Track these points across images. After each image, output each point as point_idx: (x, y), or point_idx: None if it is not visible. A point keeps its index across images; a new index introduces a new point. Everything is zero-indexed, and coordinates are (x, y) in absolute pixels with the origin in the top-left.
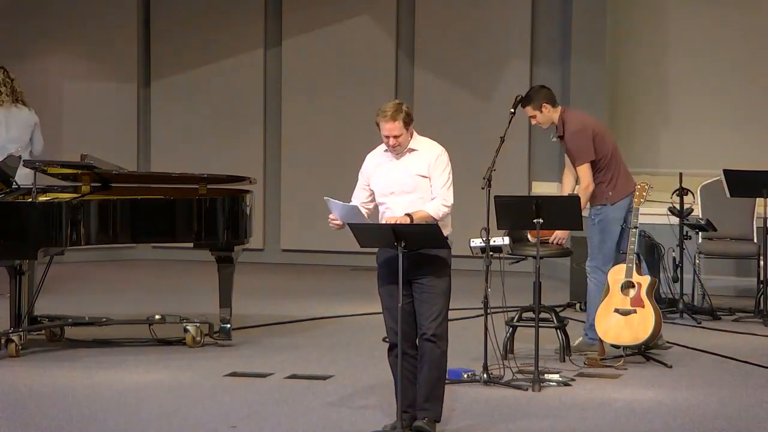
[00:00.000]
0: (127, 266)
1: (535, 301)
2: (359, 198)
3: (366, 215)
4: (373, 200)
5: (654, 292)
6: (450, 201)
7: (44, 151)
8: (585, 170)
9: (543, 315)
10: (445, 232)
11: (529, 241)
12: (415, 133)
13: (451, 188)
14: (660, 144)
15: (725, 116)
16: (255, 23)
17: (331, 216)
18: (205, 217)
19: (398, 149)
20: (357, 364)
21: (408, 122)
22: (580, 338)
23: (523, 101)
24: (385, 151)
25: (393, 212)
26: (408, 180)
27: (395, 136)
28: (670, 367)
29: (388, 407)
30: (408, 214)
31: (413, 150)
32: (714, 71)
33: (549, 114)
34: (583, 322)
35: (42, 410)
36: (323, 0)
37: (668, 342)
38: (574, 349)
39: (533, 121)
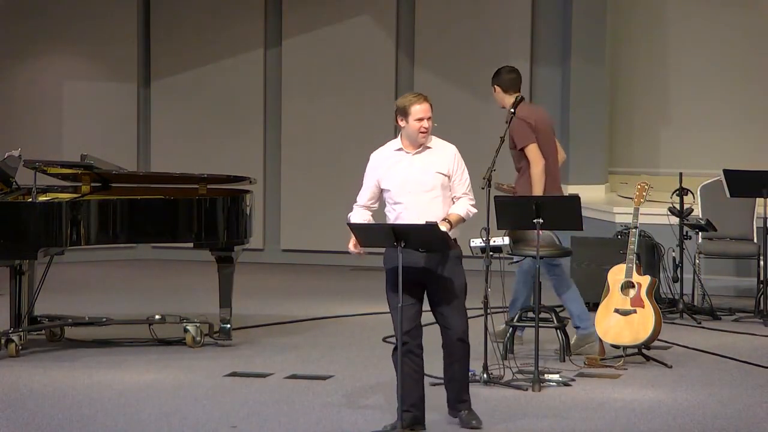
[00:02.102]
0: (127, 266)
1: (535, 301)
2: (363, 199)
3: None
4: (377, 201)
5: (654, 292)
6: (474, 200)
7: (44, 151)
8: (533, 151)
9: (543, 315)
10: (454, 234)
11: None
12: None
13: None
14: (660, 144)
15: (725, 116)
16: (255, 23)
17: (352, 244)
18: (205, 217)
19: (426, 138)
20: (357, 364)
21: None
22: (575, 335)
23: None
24: (397, 150)
25: (410, 213)
26: (427, 178)
27: (429, 118)
28: (670, 367)
29: (388, 407)
30: (446, 218)
31: (428, 147)
32: (714, 71)
33: (499, 96)
34: None
35: (42, 410)
36: (323, 0)
37: (667, 342)
38: (574, 347)
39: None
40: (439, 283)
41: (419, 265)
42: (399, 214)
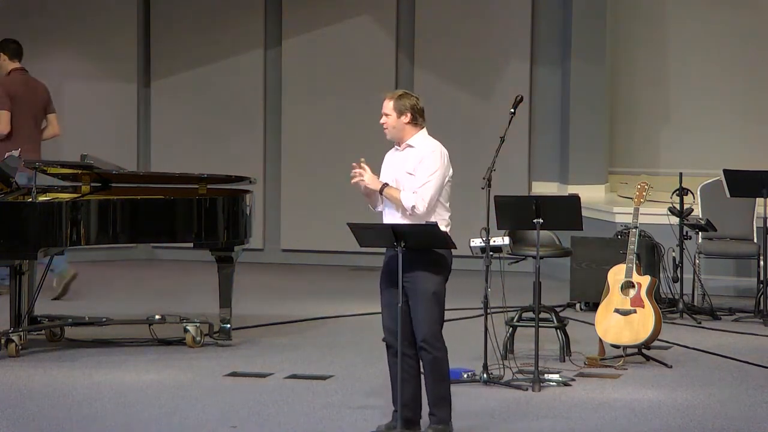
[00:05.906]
0: (127, 266)
1: (535, 301)
2: None
3: None
4: None
5: (654, 292)
6: (425, 202)
7: (44, 151)
8: (2, 117)
9: (543, 315)
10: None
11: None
12: (422, 133)
13: (432, 190)
14: (660, 144)
15: (725, 116)
16: (255, 23)
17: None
18: (205, 217)
19: (387, 131)
20: (357, 364)
21: (402, 111)
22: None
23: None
24: (395, 146)
25: (387, 210)
26: (400, 177)
27: (385, 114)
28: (670, 367)
29: (387, 407)
30: (385, 184)
31: (411, 146)
32: (714, 71)
33: (5, 63)
34: (584, 322)
35: (42, 410)
36: (323, 0)
37: (667, 341)
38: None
39: None
40: (409, 285)
41: (393, 265)
42: (384, 211)
